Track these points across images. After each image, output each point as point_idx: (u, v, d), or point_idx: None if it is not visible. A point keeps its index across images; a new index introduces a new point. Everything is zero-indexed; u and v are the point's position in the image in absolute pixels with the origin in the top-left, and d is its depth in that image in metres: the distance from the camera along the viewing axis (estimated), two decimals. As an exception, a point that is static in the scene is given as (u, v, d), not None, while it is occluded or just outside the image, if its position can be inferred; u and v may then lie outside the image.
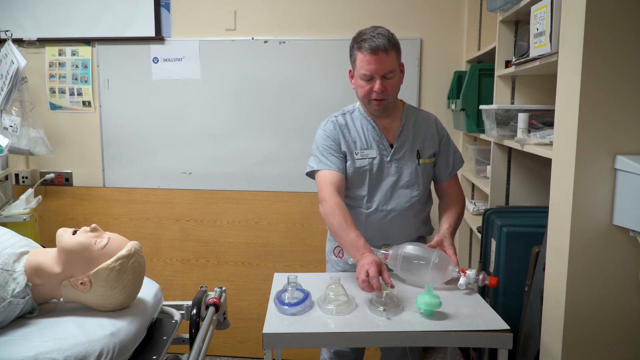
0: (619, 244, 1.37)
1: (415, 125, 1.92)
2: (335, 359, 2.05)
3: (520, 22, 2.24)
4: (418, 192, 1.90)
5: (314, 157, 1.90)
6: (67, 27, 3.04)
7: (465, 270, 1.66)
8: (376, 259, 1.61)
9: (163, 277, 3.10)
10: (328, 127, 1.91)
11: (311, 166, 1.90)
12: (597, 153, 1.35)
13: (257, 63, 3.02)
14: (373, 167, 1.88)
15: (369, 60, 1.74)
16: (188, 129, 3.10)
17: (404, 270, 1.71)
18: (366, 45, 1.73)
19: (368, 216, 1.90)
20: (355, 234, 1.71)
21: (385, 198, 1.88)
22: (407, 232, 1.92)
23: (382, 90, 1.76)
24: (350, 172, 1.89)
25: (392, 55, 1.76)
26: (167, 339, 1.48)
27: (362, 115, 1.92)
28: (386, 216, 1.89)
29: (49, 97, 3.12)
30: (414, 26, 2.97)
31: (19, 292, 1.33)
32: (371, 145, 1.88)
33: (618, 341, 1.41)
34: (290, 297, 1.54)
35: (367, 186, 1.89)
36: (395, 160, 1.88)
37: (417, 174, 1.89)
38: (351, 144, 1.89)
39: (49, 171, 3.17)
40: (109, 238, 1.42)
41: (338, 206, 1.76)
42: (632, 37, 1.30)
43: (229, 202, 3.08)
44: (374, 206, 1.89)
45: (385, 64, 1.74)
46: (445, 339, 1.45)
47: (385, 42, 1.73)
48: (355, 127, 1.91)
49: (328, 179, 1.83)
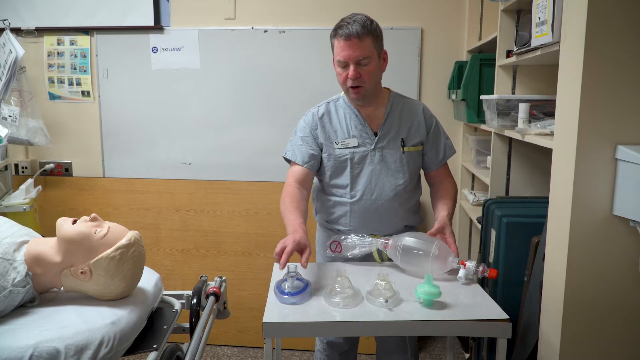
0: (619, 234, 1.37)
1: (402, 113, 1.91)
2: (328, 349, 2.06)
3: (521, 12, 2.23)
4: (404, 180, 1.89)
5: (290, 144, 1.96)
6: (66, 17, 3.02)
7: (464, 262, 1.66)
8: (301, 238, 1.63)
9: (163, 267, 3.11)
10: (307, 118, 1.95)
11: (286, 154, 1.96)
12: (598, 143, 1.34)
13: (256, 53, 3.01)
14: (355, 156, 1.87)
15: (342, 47, 1.75)
16: (188, 119, 3.10)
17: (403, 261, 1.72)
18: (340, 32, 1.74)
19: (352, 205, 1.89)
20: (294, 215, 1.76)
21: (369, 187, 1.88)
22: (394, 221, 1.91)
23: (356, 77, 1.76)
24: (330, 162, 1.90)
25: (367, 42, 1.74)
26: (168, 328, 1.48)
27: (345, 104, 1.92)
28: (371, 205, 1.88)
29: (48, 86, 3.11)
30: (415, 16, 2.96)
31: (19, 281, 1.33)
32: (353, 134, 1.88)
33: (617, 331, 1.42)
34: (290, 287, 1.55)
35: (349, 175, 1.88)
36: (380, 149, 1.88)
37: (402, 162, 1.88)
38: (331, 134, 1.90)
39: (48, 161, 3.17)
40: (109, 227, 1.42)
41: (289, 194, 1.84)
42: (634, 26, 1.29)
43: (228, 192, 3.08)
44: (357, 195, 1.88)
45: (358, 50, 1.73)
46: (445, 328, 1.45)
47: (359, 29, 1.72)
48: (337, 116, 1.91)
49: (293, 173, 1.91)
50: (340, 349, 2.06)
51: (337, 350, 2.06)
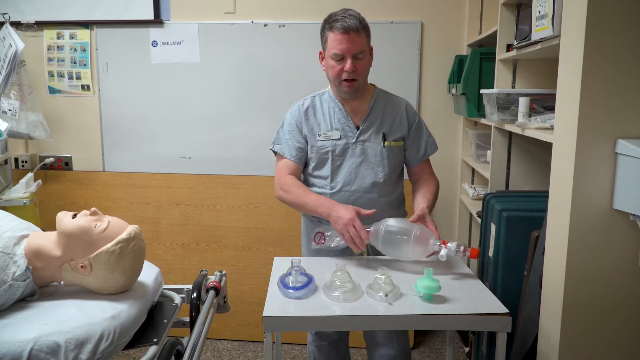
0: (619, 228, 1.37)
1: (385, 108, 1.95)
2: (318, 340, 2.09)
3: (522, 5, 2.22)
4: (383, 173, 1.91)
5: (277, 137, 1.99)
6: (65, 10, 3.01)
7: (446, 242, 1.67)
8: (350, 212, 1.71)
9: (163, 261, 3.11)
10: (293, 111, 1.99)
11: (273, 146, 1.99)
12: (598, 137, 1.34)
13: (256, 47, 3.00)
14: (336, 148, 1.91)
15: (340, 40, 1.78)
16: (188, 113, 3.09)
17: (385, 243, 1.71)
18: (338, 25, 1.77)
19: (332, 196, 1.91)
20: (315, 194, 1.85)
21: (349, 179, 1.91)
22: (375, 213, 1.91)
23: (353, 70, 1.80)
24: (313, 154, 1.94)
25: (362, 37, 1.80)
26: (168, 322, 1.49)
27: (330, 98, 1.96)
28: (350, 197, 1.90)
29: (48, 80, 3.11)
30: (415, 9, 2.95)
31: (19, 275, 1.33)
32: (336, 127, 1.92)
33: (616, 324, 1.42)
34: (294, 281, 1.55)
35: (330, 167, 1.92)
36: (361, 142, 1.91)
37: (383, 156, 1.91)
38: (315, 127, 1.94)
39: (48, 155, 3.17)
40: (109, 222, 1.42)
41: (294, 184, 1.90)
42: (634, 20, 1.29)
43: (228, 186, 3.08)
44: (337, 186, 1.91)
45: (356, 44, 1.78)
46: (445, 322, 1.46)
47: (357, 23, 1.77)
48: (322, 109, 1.95)
49: (286, 166, 1.94)
50: (330, 339, 2.08)
51: (326, 340, 2.09)
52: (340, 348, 2.14)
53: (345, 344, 2.17)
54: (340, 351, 2.15)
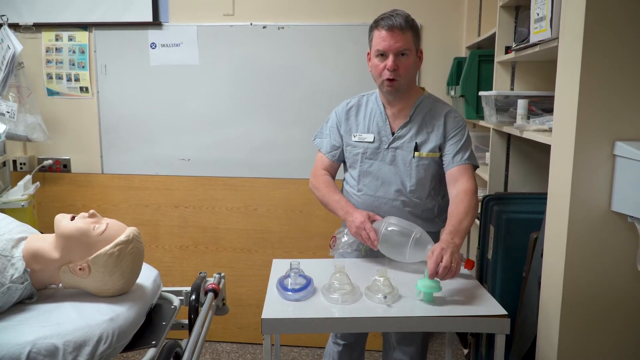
0: (617, 230, 1.37)
1: (426, 116, 1.87)
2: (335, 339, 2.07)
3: (520, 8, 2.23)
4: (410, 184, 1.85)
5: (319, 131, 2.04)
6: (64, 12, 3.01)
7: None
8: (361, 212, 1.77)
9: (162, 263, 3.10)
10: (339, 108, 2.00)
11: (316, 141, 2.05)
12: (597, 139, 1.34)
13: (255, 49, 3.00)
14: (367, 151, 1.89)
15: (384, 37, 1.76)
16: (186, 115, 3.09)
17: (384, 241, 1.71)
18: (383, 23, 1.76)
19: (358, 199, 1.91)
20: (339, 195, 1.89)
21: (375, 184, 1.89)
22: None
23: (394, 69, 1.75)
24: (347, 153, 1.95)
25: (408, 36, 1.77)
26: (166, 324, 1.48)
27: (375, 100, 1.93)
28: (374, 202, 1.89)
29: (46, 82, 3.10)
30: (414, 12, 2.88)
31: (17, 277, 1.33)
32: (372, 130, 1.90)
33: (615, 325, 1.43)
34: (293, 283, 1.55)
35: (358, 169, 1.91)
36: (393, 149, 1.87)
37: (412, 166, 1.85)
38: (353, 126, 1.93)
39: (46, 157, 3.16)
40: (108, 224, 1.42)
41: (324, 181, 1.95)
42: (633, 23, 1.29)
43: (227, 188, 3.08)
44: (363, 190, 1.90)
45: (400, 42, 1.74)
46: (444, 324, 1.46)
47: (402, 22, 1.75)
48: (365, 110, 1.94)
49: (321, 160, 2.01)
50: (346, 340, 2.07)
51: (342, 341, 2.07)
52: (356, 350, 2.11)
53: (362, 347, 2.13)
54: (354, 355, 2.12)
